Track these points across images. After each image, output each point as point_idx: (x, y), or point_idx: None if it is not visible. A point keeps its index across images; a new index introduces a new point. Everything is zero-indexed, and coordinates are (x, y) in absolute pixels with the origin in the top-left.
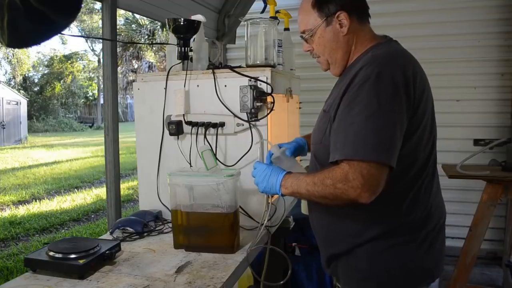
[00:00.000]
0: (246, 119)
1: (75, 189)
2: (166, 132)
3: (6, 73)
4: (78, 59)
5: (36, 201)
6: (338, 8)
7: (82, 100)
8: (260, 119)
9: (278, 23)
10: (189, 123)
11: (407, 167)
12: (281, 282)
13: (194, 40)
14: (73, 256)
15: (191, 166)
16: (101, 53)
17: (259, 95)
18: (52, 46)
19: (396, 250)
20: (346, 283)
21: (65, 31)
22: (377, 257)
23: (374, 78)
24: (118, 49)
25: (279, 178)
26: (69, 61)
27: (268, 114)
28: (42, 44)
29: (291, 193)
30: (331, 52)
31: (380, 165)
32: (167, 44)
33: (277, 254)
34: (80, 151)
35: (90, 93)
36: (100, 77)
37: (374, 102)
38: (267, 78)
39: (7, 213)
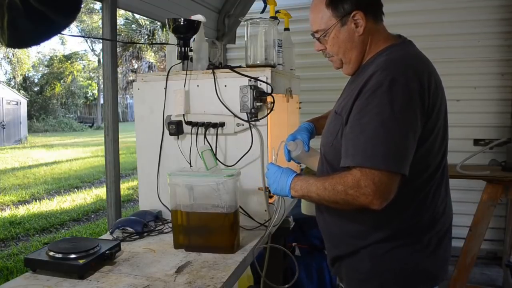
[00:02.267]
0: (246, 119)
1: (75, 189)
2: (166, 132)
3: (6, 73)
4: (78, 59)
5: (36, 201)
6: (353, 7)
7: (82, 100)
8: (260, 119)
9: (278, 23)
10: (189, 123)
11: (417, 172)
12: (286, 286)
13: (194, 40)
14: (73, 256)
15: (191, 166)
16: (101, 53)
17: (259, 95)
18: (52, 46)
19: (400, 252)
20: (348, 284)
21: (65, 31)
22: (380, 258)
23: (388, 85)
24: (118, 49)
25: (288, 181)
26: (69, 61)
27: (268, 114)
28: (42, 44)
29: (301, 196)
30: (346, 52)
31: (391, 173)
32: (167, 44)
33: (277, 255)
34: (80, 151)
35: (90, 93)
36: (100, 77)
37: (387, 109)
38: (267, 78)
39: (7, 213)
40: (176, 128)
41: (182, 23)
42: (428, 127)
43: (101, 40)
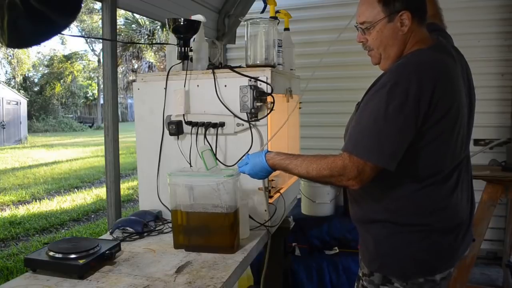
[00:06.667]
0: (246, 119)
1: (75, 189)
2: (166, 132)
3: (6, 73)
4: (78, 59)
5: (36, 201)
6: (403, 6)
7: (82, 100)
8: (260, 119)
9: (278, 23)
10: (189, 123)
11: (426, 169)
12: None
13: (194, 40)
14: (73, 256)
15: (191, 166)
16: (101, 53)
17: (259, 95)
18: (52, 46)
19: (399, 238)
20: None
21: (65, 31)
22: (382, 241)
23: (389, 87)
24: (118, 49)
25: (264, 164)
26: (69, 61)
27: (268, 114)
28: (42, 44)
29: (282, 169)
30: (387, 48)
31: (372, 164)
32: (167, 44)
33: (278, 255)
34: (80, 151)
35: (90, 93)
36: (100, 77)
37: (382, 109)
38: (267, 78)
39: (7, 213)
40: (176, 128)
41: (182, 23)
42: (431, 132)
43: (101, 40)
